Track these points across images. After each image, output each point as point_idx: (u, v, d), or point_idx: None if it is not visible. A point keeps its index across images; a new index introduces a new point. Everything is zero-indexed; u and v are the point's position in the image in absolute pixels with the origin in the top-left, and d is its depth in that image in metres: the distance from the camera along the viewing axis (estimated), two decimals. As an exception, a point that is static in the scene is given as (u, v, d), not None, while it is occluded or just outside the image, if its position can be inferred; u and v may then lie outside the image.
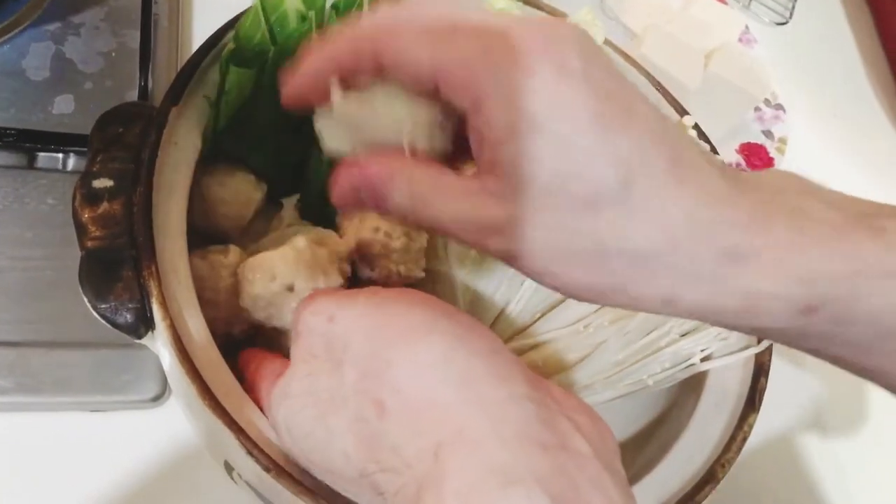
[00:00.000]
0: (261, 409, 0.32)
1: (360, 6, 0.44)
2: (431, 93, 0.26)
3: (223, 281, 0.38)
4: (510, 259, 0.26)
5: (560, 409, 0.26)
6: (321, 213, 0.42)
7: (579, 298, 0.26)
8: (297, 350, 0.29)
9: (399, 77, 0.26)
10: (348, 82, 0.28)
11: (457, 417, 0.24)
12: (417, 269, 0.42)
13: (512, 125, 0.23)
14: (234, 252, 0.38)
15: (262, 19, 0.38)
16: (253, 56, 0.38)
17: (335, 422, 0.26)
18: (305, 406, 0.28)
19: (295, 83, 0.29)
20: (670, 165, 0.24)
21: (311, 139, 0.42)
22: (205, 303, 0.36)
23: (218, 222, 0.41)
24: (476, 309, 0.45)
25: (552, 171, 0.23)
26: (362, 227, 0.41)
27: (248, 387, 0.33)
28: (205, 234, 0.40)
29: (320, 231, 0.41)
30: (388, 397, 0.25)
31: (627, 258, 0.24)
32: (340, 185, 0.28)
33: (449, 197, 0.26)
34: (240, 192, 0.41)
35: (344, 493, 0.29)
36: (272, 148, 0.41)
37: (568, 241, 0.24)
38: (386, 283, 0.42)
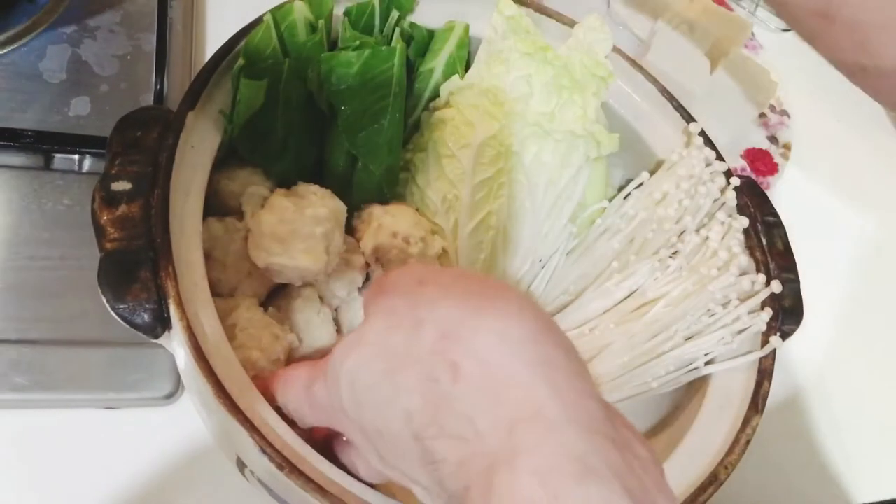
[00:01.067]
0: (272, 401, 0.33)
1: (372, 13, 0.45)
2: None
3: (234, 244, 0.39)
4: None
5: (619, 422, 0.26)
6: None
7: None
8: (377, 305, 0.28)
9: None
10: None
11: (537, 398, 0.24)
12: (432, 274, 0.43)
13: None
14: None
15: (274, 33, 0.39)
16: (265, 68, 0.39)
17: (403, 379, 0.26)
18: (376, 358, 0.27)
19: None
20: None
21: (328, 138, 0.44)
22: (213, 262, 0.37)
23: (231, 214, 0.41)
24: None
25: None
26: (380, 232, 0.42)
27: (267, 384, 0.34)
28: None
29: None
30: (467, 362, 0.25)
31: None
32: None
33: None
34: (248, 184, 0.42)
35: (380, 461, 0.28)
36: (293, 155, 0.42)
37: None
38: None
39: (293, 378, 0.33)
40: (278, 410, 0.33)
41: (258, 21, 0.41)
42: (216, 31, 0.57)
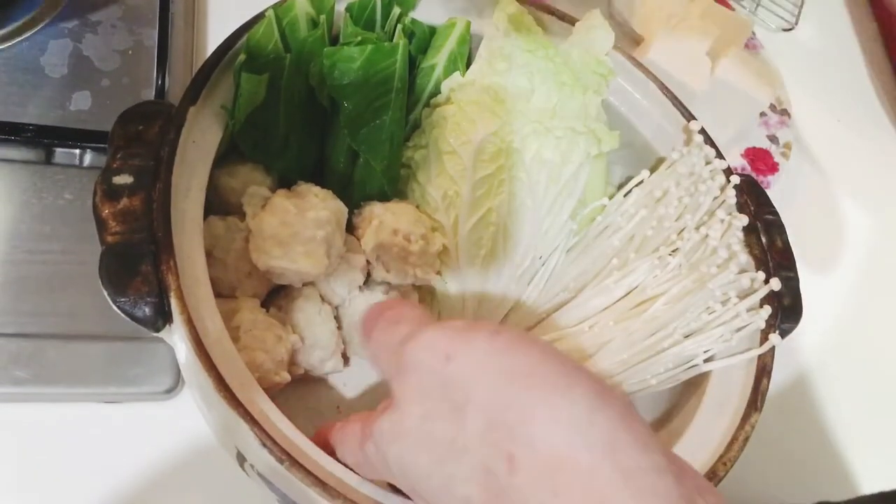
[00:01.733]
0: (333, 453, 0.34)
1: (374, 9, 0.45)
2: None
3: (235, 243, 0.39)
4: None
5: (693, 486, 0.25)
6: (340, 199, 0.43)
7: None
8: (406, 387, 0.28)
9: None
10: None
11: (599, 485, 0.23)
12: (432, 271, 0.43)
13: None
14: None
15: (276, 29, 0.39)
16: (267, 63, 0.39)
17: (455, 469, 0.25)
18: (421, 450, 0.26)
19: None
20: None
21: (329, 134, 0.44)
22: (214, 261, 0.38)
23: (231, 211, 0.42)
24: (483, 309, 0.45)
25: None
26: (381, 230, 0.42)
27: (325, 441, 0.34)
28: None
29: None
30: (521, 453, 0.24)
31: None
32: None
33: None
34: (249, 181, 0.42)
35: None
36: (294, 152, 0.42)
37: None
38: (402, 284, 0.43)
39: (348, 435, 0.32)
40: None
41: (260, 17, 0.41)
42: (217, 27, 0.57)
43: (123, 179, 0.35)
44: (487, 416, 0.25)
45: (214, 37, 0.56)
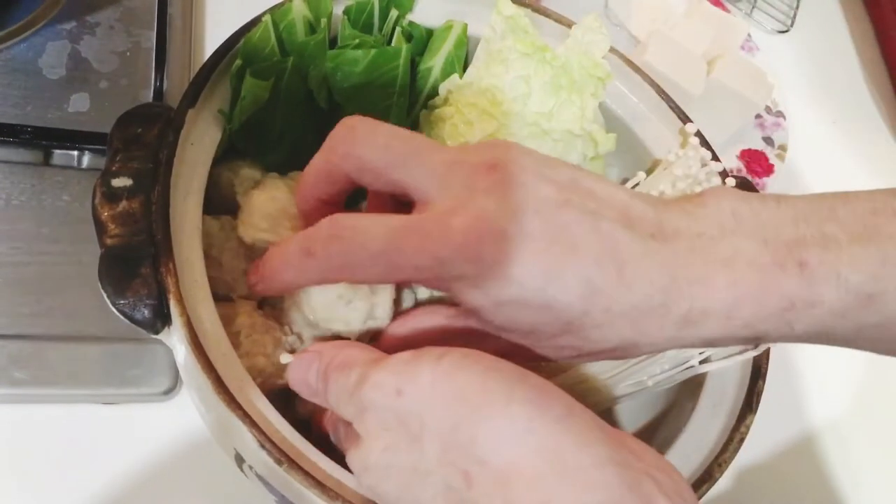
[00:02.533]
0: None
1: (371, 12, 0.45)
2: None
3: (230, 242, 0.39)
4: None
5: (642, 468, 0.26)
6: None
7: None
8: (367, 426, 0.29)
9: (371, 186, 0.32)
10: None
11: (543, 489, 0.25)
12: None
13: (491, 296, 0.29)
14: None
15: (272, 33, 0.39)
16: (267, 68, 0.39)
17: (421, 492, 0.27)
18: (388, 478, 0.28)
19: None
20: (616, 276, 0.28)
21: (327, 135, 0.44)
22: (209, 261, 0.38)
23: (231, 207, 0.42)
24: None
25: (531, 321, 0.29)
26: None
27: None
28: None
29: None
30: (474, 469, 0.26)
31: (608, 356, 0.31)
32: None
33: None
34: (248, 177, 0.42)
35: None
36: (288, 147, 0.42)
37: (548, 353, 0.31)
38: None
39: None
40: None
41: (257, 20, 0.41)
42: (216, 28, 0.57)
43: (122, 182, 0.35)
44: (442, 439, 0.27)
45: (212, 39, 0.57)
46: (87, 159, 0.48)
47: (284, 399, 0.40)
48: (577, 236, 0.28)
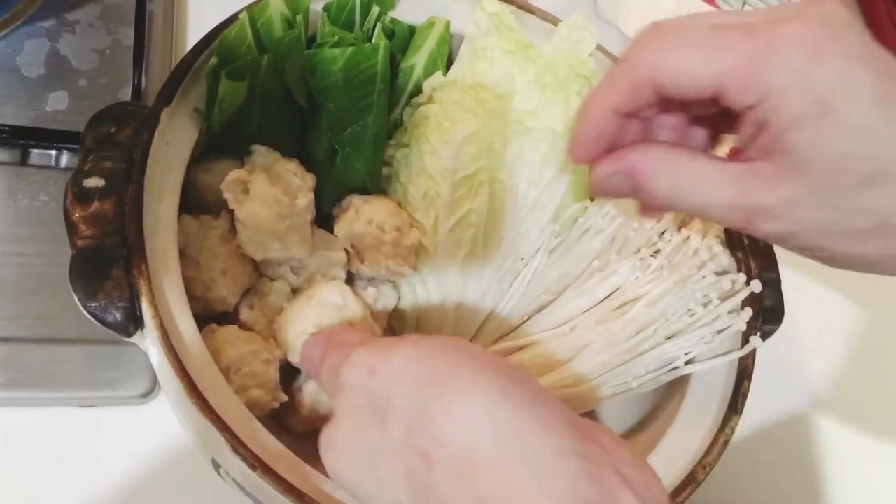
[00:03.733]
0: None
1: (352, 8, 0.45)
2: (707, 102, 0.29)
3: (209, 241, 0.39)
4: (781, 240, 0.28)
5: (609, 462, 0.25)
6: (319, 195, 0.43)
7: (850, 268, 0.28)
8: (339, 402, 0.29)
9: (681, 95, 0.29)
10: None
11: (500, 474, 0.24)
12: (407, 265, 0.43)
13: (802, 112, 0.26)
14: (224, 217, 0.40)
15: (249, 31, 0.39)
16: (243, 66, 0.39)
17: (385, 473, 0.27)
18: (352, 458, 0.28)
19: (584, 147, 0.32)
20: None
21: (308, 133, 0.43)
22: (186, 260, 0.38)
23: (209, 209, 0.41)
24: (464, 311, 0.45)
25: (839, 152, 0.26)
26: (357, 219, 0.42)
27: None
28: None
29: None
30: (435, 451, 0.25)
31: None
32: (600, 172, 0.31)
33: (715, 185, 0.29)
34: (235, 179, 0.41)
35: None
36: (267, 143, 0.42)
37: (848, 219, 0.27)
38: (376, 275, 0.43)
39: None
40: None
41: (234, 18, 0.40)
42: (198, 25, 0.56)
43: (95, 182, 0.35)
44: (406, 421, 0.26)
45: (194, 36, 0.56)
46: (65, 159, 0.47)
47: (278, 416, 0.40)
48: None
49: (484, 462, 0.25)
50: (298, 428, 0.40)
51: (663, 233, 0.45)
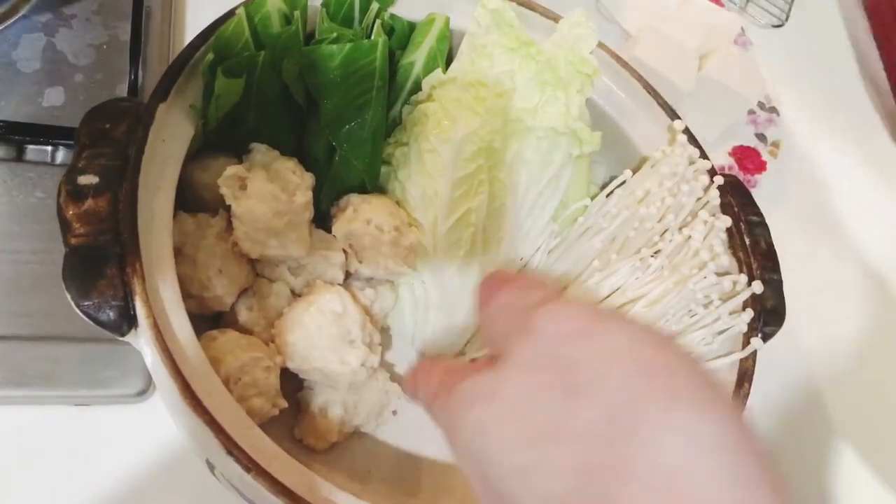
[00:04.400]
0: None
1: (351, 5, 0.44)
2: None
3: (205, 239, 0.39)
4: None
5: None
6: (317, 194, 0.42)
7: None
8: (521, 351, 0.25)
9: None
10: None
11: None
12: (405, 265, 0.43)
13: None
14: (221, 216, 0.40)
15: (246, 27, 0.38)
16: (240, 62, 0.38)
17: (550, 457, 0.22)
18: (512, 421, 0.23)
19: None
20: None
21: (307, 131, 0.43)
22: (182, 258, 0.37)
23: (206, 207, 0.41)
24: (463, 312, 0.45)
25: None
26: (355, 218, 0.42)
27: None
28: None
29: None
30: (642, 463, 0.21)
31: None
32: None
33: None
34: (232, 175, 0.41)
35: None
36: (265, 141, 0.41)
37: None
38: (374, 275, 0.43)
39: (428, 381, 0.28)
40: None
41: (231, 14, 0.40)
42: (195, 21, 0.56)
43: (89, 179, 0.34)
44: (608, 409, 0.22)
45: (192, 32, 0.55)
46: (60, 155, 0.47)
47: (282, 422, 0.39)
48: None
49: (702, 499, 0.20)
50: (307, 438, 0.40)
51: (664, 233, 0.44)
